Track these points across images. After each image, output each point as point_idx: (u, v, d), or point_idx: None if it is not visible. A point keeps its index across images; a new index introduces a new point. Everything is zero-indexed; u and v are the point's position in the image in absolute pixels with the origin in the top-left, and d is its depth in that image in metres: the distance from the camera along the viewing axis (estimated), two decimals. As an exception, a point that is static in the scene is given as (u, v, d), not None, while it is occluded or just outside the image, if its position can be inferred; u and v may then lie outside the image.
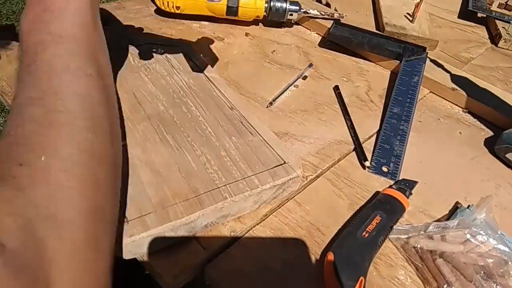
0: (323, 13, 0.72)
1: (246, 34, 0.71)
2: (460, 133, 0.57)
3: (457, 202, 0.46)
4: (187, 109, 0.48)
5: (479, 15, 0.84)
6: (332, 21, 0.71)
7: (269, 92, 0.58)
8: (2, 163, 0.26)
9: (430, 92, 0.64)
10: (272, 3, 0.69)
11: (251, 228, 0.41)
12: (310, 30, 0.75)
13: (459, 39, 0.78)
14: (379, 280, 0.38)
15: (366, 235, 0.38)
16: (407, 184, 0.45)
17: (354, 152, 0.52)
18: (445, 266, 0.38)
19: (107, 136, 0.32)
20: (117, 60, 0.53)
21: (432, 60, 0.66)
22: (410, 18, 0.76)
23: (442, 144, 0.55)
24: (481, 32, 0.82)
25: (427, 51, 0.66)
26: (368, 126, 0.55)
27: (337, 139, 0.52)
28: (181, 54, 0.56)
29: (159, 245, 0.36)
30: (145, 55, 0.44)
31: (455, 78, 0.63)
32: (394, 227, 0.41)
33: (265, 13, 0.70)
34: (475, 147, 0.55)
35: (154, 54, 0.48)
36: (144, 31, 0.67)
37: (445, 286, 0.37)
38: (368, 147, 0.52)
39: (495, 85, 0.63)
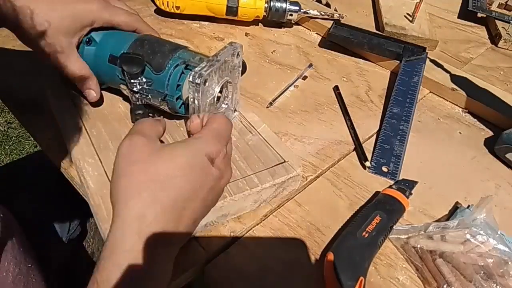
0: (323, 13, 0.72)
1: (246, 34, 0.71)
2: (460, 133, 0.57)
3: (457, 202, 0.46)
4: (187, 109, 0.48)
5: (479, 15, 0.84)
6: (332, 21, 0.71)
7: (269, 92, 0.58)
8: None
9: (430, 92, 0.64)
10: (272, 3, 0.69)
11: (251, 228, 0.41)
12: (310, 30, 0.74)
13: (459, 39, 0.78)
14: (379, 280, 0.38)
15: (366, 235, 0.38)
16: (407, 184, 0.45)
17: (354, 152, 0.51)
18: (445, 266, 0.38)
19: None
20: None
21: (432, 60, 0.66)
22: (410, 18, 0.76)
23: (442, 144, 0.55)
24: (481, 32, 0.82)
25: (427, 51, 0.66)
26: (368, 126, 0.55)
27: (337, 139, 0.52)
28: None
29: (159, 245, 0.36)
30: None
31: (455, 78, 0.63)
32: (394, 227, 0.41)
33: (265, 13, 0.70)
34: (475, 147, 0.55)
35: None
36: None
37: (445, 286, 0.37)
38: (368, 147, 0.52)
39: (495, 85, 0.63)
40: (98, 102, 0.48)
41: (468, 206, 0.45)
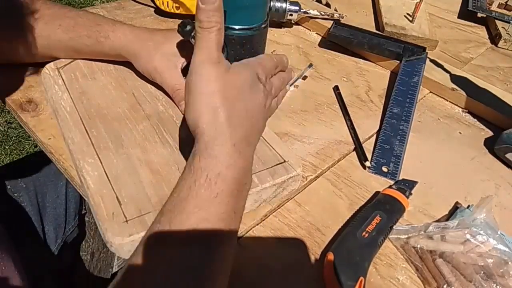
0: (323, 13, 0.72)
1: (246, 34, 0.71)
2: (460, 133, 0.57)
3: (457, 202, 0.46)
4: (187, 109, 0.48)
5: (479, 15, 0.84)
6: (332, 21, 0.71)
7: (269, 92, 0.58)
8: None
9: (430, 92, 0.64)
10: (272, 3, 0.68)
11: (251, 228, 0.41)
12: (310, 30, 0.74)
13: (459, 39, 0.78)
14: (379, 280, 0.38)
15: (366, 235, 0.38)
16: (407, 184, 0.45)
17: (354, 152, 0.51)
18: (445, 266, 0.38)
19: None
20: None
21: (432, 60, 0.66)
22: (410, 18, 0.76)
23: (442, 144, 0.55)
24: (481, 32, 0.82)
25: (427, 51, 0.66)
26: (368, 126, 0.55)
27: (337, 139, 0.52)
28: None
29: (159, 245, 0.36)
30: None
31: (455, 78, 0.63)
32: (394, 227, 0.41)
33: (265, 13, 0.69)
34: (475, 147, 0.55)
35: None
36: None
37: (445, 286, 0.37)
38: (368, 147, 0.52)
39: (495, 85, 0.63)
40: None
41: (468, 206, 0.45)
